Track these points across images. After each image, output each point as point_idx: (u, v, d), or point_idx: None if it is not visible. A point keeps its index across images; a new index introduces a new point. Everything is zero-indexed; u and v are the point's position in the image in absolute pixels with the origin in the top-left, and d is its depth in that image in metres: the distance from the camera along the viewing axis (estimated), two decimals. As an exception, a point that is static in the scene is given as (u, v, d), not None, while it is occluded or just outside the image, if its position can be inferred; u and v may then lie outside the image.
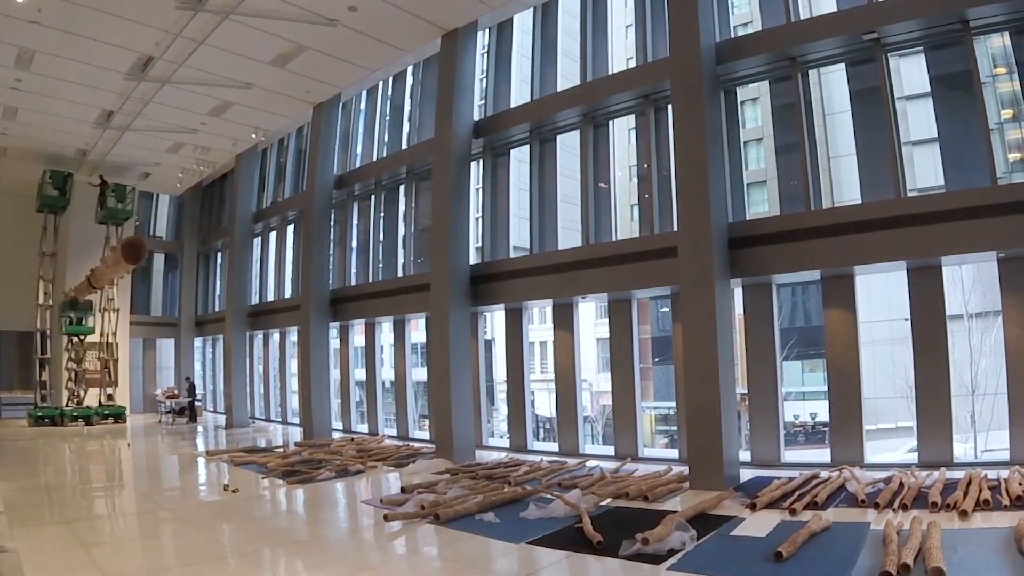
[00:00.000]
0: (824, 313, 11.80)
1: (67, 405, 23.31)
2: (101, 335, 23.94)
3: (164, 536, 8.46)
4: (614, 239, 14.07)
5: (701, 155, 11.08)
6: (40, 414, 22.43)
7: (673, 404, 13.97)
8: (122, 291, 25.48)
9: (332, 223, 20.37)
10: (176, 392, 26.19)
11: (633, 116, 14.30)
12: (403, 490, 10.43)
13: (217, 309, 27.89)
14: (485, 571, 6.99)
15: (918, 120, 12.09)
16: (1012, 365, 10.16)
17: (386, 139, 19.77)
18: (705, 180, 11.01)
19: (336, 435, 19.01)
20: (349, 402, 20.42)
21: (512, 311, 15.63)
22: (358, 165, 20.40)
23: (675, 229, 12.03)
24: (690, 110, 11.40)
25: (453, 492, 9.92)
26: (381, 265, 19.39)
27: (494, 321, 17.61)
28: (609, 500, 9.59)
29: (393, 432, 18.60)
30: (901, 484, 9.11)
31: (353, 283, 20.11)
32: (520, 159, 16.01)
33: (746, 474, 10.96)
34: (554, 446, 14.84)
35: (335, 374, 20.38)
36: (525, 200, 15.50)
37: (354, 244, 20.48)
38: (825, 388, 11.76)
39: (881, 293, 15.16)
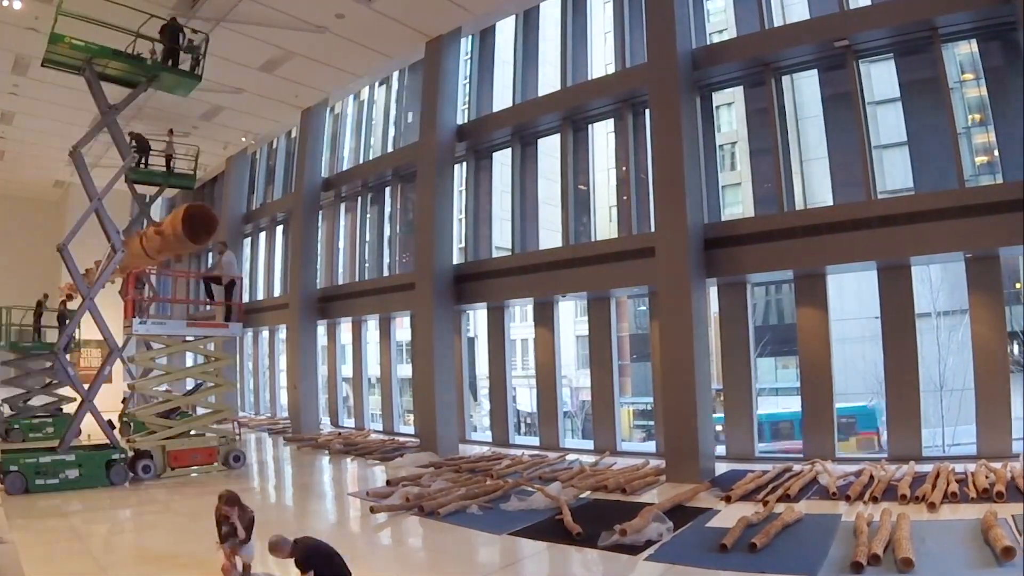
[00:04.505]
0: (797, 311, 12.08)
1: None
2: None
3: (157, 527, 8.65)
4: (593, 240, 14.34)
5: (678, 158, 11.35)
6: None
7: (650, 399, 14.18)
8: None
9: (320, 224, 20.59)
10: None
11: (612, 120, 14.55)
12: (389, 483, 10.65)
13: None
14: (468, 561, 7.23)
15: (888, 124, 12.32)
16: (979, 362, 10.46)
17: (372, 142, 20.00)
18: (681, 182, 11.28)
19: (324, 430, 19.22)
20: (336, 398, 20.67)
21: (494, 309, 15.88)
22: (345, 167, 20.64)
23: (653, 230, 12.29)
24: (667, 114, 11.67)
25: (437, 485, 10.15)
26: (367, 265, 19.63)
27: (477, 319, 17.81)
28: (588, 493, 9.85)
29: (379, 427, 18.85)
30: (871, 477, 9.34)
31: (340, 282, 20.32)
32: (502, 162, 16.24)
33: (721, 467, 11.19)
34: (535, 440, 15.13)
35: (323, 371, 20.60)
36: (507, 201, 15.74)
37: (341, 244, 20.71)
38: (798, 384, 12.02)
39: (852, 292, 15.36)
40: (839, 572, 5.92)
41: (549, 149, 15.49)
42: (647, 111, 13.01)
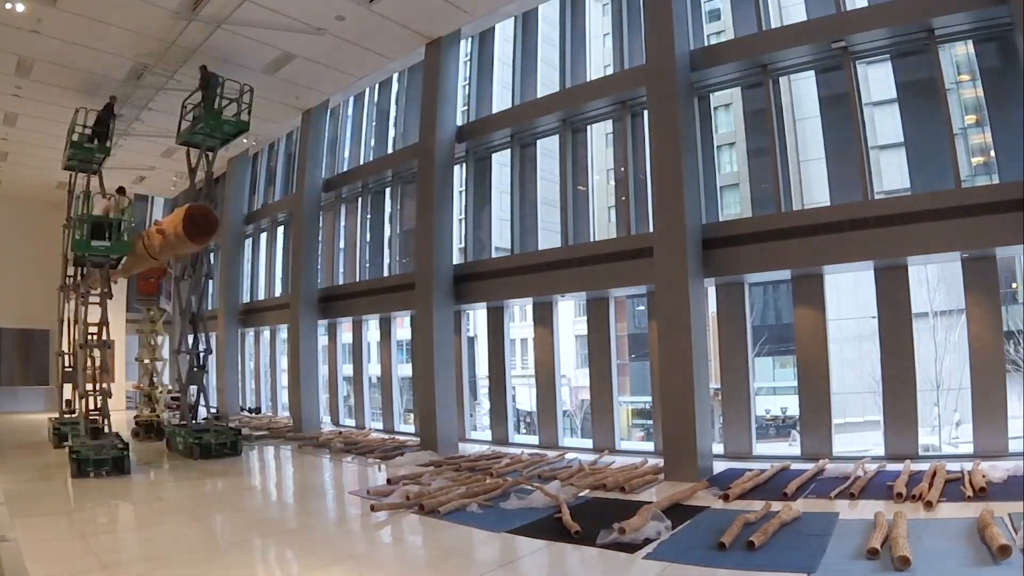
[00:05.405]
0: (794, 311, 12.11)
1: None
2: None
3: (157, 525, 8.71)
4: (592, 240, 14.37)
5: (676, 159, 11.39)
6: None
7: (649, 398, 14.19)
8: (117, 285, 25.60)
9: (320, 225, 20.66)
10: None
11: (610, 121, 14.62)
12: (389, 481, 10.70)
13: (210, 307, 27.96)
14: (467, 559, 7.25)
15: (885, 125, 12.34)
16: (975, 361, 10.50)
17: (372, 143, 20.07)
18: (680, 183, 11.32)
19: (325, 429, 19.28)
20: (337, 397, 20.78)
21: (494, 309, 15.95)
22: (345, 169, 20.69)
23: (651, 230, 12.32)
24: (665, 116, 11.71)
25: (437, 483, 10.21)
26: (368, 265, 19.70)
27: (476, 319, 17.83)
28: (587, 491, 9.89)
29: (379, 426, 18.94)
30: (868, 476, 9.35)
31: (341, 282, 20.38)
32: (502, 163, 16.29)
33: (719, 466, 11.21)
34: (534, 439, 15.18)
35: (323, 370, 20.68)
36: (506, 202, 15.80)
37: (342, 245, 20.77)
38: (795, 383, 12.08)
39: (849, 292, 15.34)
40: (836, 570, 5.96)
41: (548, 150, 15.56)
42: (645, 113, 13.02)
